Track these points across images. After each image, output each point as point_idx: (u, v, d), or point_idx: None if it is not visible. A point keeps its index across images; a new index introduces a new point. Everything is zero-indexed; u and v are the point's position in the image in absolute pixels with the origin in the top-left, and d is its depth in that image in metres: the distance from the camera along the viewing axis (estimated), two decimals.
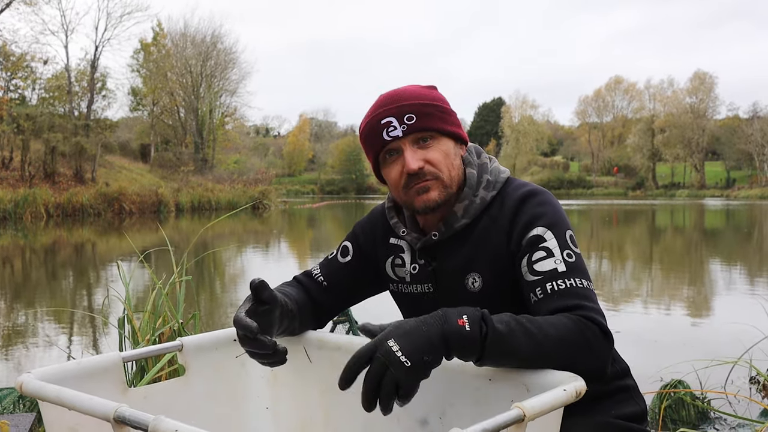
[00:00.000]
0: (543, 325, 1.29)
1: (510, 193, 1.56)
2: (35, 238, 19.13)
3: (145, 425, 1.05)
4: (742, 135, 73.59)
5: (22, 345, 6.19)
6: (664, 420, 3.72)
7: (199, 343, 1.68)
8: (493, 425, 1.02)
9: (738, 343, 4.56)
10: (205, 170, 44.51)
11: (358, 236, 1.76)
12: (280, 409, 1.78)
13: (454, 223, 1.56)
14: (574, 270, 1.42)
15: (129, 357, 1.55)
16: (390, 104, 1.51)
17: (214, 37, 50.98)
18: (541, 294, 1.41)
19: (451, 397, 1.45)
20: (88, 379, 1.42)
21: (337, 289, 1.74)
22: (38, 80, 36.44)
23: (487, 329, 1.24)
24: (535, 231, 1.47)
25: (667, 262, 13.99)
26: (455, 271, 1.57)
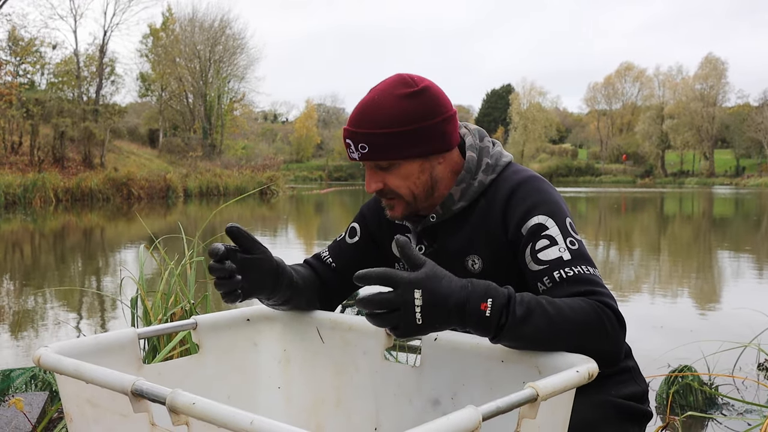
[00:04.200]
0: (563, 309, 1.29)
1: (507, 177, 1.57)
2: (44, 223, 19.22)
3: (163, 398, 1.06)
4: (752, 123, 73.08)
5: (33, 326, 6.24)
6: (672, 405, 3.73)
7: (213, 322, 1.69)
8: (507, 403, 1.03)
9: (746, 329, 4.57)
10: (214, 156, 44.56)
11: (366, 217, 1.78)
12: (292, 389, 1.79)
13: (451, 206, 1.57)
14: (579, 257, 1.42)
15: (144, 333, 1.57)
16: (351, 124, 1.51)
17: (222, 23, 50.95)
18: (549, 283, 1.41)
19: (463, 378, 1.46)
20: (104, 354, 1.44)
21: (346, 269, 1.75)
22: (47, 65, 36.52)
23: (507, 318, 1.25)
24: (536, 219, 1.47)
25: (675, 249, 13.96)
26: (455, 252, 1.58)
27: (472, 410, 0.97)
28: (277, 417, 1.79)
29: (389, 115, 1.46)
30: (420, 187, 1.53)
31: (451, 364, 1.49)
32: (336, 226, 18.58)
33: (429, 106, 1.49)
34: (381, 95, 1.49)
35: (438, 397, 1.52)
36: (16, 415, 2.81)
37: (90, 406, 1.29)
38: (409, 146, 1.48)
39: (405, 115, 1.47)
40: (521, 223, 1.48)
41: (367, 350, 1.65)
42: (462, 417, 0.96)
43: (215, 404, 1.01)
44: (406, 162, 1.50)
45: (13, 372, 3.59)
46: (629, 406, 1.60)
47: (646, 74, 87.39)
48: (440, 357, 1.51)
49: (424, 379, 1.54)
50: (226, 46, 51.15)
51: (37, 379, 3.50)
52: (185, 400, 1.03)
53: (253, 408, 1.75)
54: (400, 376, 1.59)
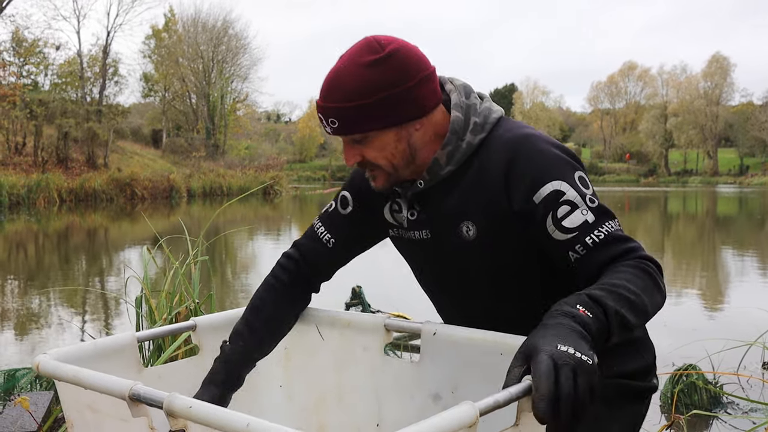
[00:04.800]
0: (628, 286, 1.24)
1: (500, 137, 1.46)
2: (48, 223, 19.25)
3: (160, 402, 1.07)
4: (756, 122, 72.89)
5: (37, 327, 6.25)
6: (677, 404, 3.73)
7: (212, 323, 1.70)
8: (506, 397, 1.02)
9: (751, 328, 4.55)
10: (217, 156, 44.58)
11: (356, 184, 1.68)
12: (293, 387, 1.80)
13: (438, 171, 1.48)
14: (602, 215, 1.37)
15: (144, 337, 1.57)
16: (321, 98, 1.43)
17: (225, 23, 50.96)
18: (582, 250, 1.35)
19: (463, 372, 1.47)
20: (104, 359, 1.44)
21: (343, 243, 1.69)
22: (51, 66, 36.53)
23: (605, 310, 1.18)
24: (549, 186, 1.37)
25: (680, 248, 13.94)
26: (448, 218, 1.50)
27: (469, 406, 0.97)
28: (279, 416, 1.80)
29: (355, 86, 1.38)
30: (398, 156, 1.45)
31: (450, 358, 1.49)
32: None
33: (397, 71, 1.38)
34: (347, 64, 1.40)
35: (438, 391, 1.52)
36: (22, 414, 2.82)
37: (90, 412, 1.29)
38: (380, 117, 1.39)
39: (371, 84, 1.37)
40: (531, 193, 1.38)
41: (367, 346, 1.66)
42: (459, 413, 0.96)
43: (212, 407, 1.01)
44: (380, 133, 1.42)
45: (18, 372, 3.61)
46: (631, 386, 1.54)
47: (649, 73, 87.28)
48: (439, 351, 1.51)
49: (424, 374, 1.55)
50: (228, 47, 51.16)
51: (41, 378, 3.51)
52: (182, 404, 1.04)
53: (254, 407, 1.75)
54: (400, 371, 1.60)
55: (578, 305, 1.17)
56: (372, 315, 1.71)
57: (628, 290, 1.23)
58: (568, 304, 1.18)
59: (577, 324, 1.13)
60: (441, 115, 1.48)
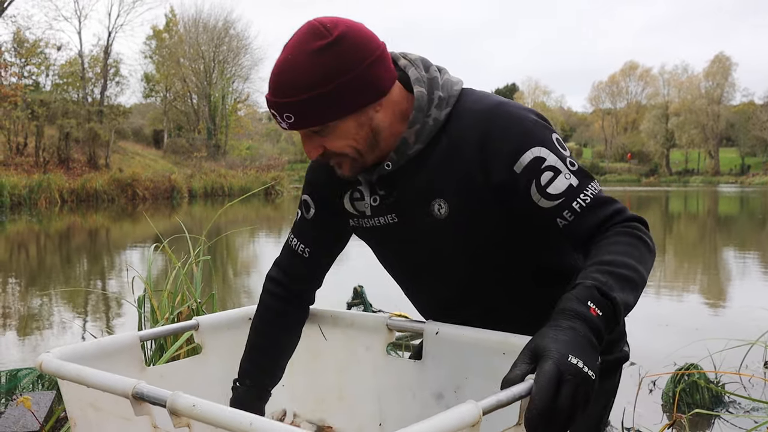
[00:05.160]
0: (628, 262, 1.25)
1: (468, 109, 1.41)
2: (50, 224, 19.25)
3: (163, 401, 1.07)
4: (757, 121, 72.87)
5: (39, 327, 6.25)
6: (679, 404, 3.72)
7: (215, 322, 1.70)
8: (508, 396, 1.03)
9: (753, 328, 4.55)
10: (218, 156, 44.59)
11: (313, 183, 1.63)
12: (296, 386, 1.80)
13: (406, 150, 1.41)
14: (583, 177, 1.36)
15: (146, 336, 1.57)
16: (271, 93, 1.35)
17: (226, 23, 50.94)
18: (570, 216, 1.33)
19: (466, 372, 1.47)
20: (107, 358, 1.44)
21: (318, 249, 1.65)
22: (52, 66, 36.62)
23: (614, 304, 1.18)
24: (530, 154, 1.34)
25: (681, 248, 13.92)
26: (418, 198, 1.44)
27: (472, 405, 0.97)
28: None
29: (307, 76, 1.29)
30: (362, 142, 1.38)
31: (452, 357, 1.49)
32: None
33: (349, 55, 1.30)
34: (294, 54, 1.31)
35: (441, 390, 1.52)
36: (24, 414, 2.82)
37: (93, 410, 1.30)
38: (337, 106, 1.32)
39: (324, 72, 1.29)
40: (512, 163, 1.34)
41: (370, 346, 1.66)
42: (462, 412, 0.96)
43: (216, 406, 1.01)
44: (339, 121, 1.34)
45: (20, 372, 3.60)
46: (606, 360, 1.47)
47: (650, 73, 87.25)
48: (442, 351, 1.52)
49: (427, 373, 1.55)
50: (230, 47, 51.17)
51: (44, 378, 3.51)
52: (186, 403, 1.04)
53: None
54: (403, 370, 1.60)
55: (589, 302, 1.16)
56: (374, 315, 1.71)
57: (629, 267, 1.24)
58: (579, 300, 1.16)
59: (590, 330, 1.13)
60: (399, 92, 1.41)
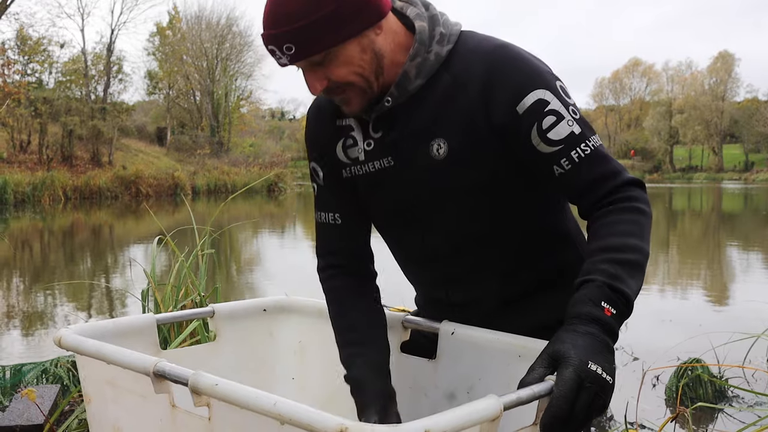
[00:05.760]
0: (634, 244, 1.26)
1: (471, 48, 1.37)
2: (53, 221, 19.29)
3: (185, 379, 1.07)
4: (761, 117, 72.72)
5: (43, 322, 6.27)
6: (682, 398, 3.72)
7: (230, 311, 1.70)
8: (528, 395, 1.04)
9: (757, 323, 4.54)
10: (221, 153, 44.58)
11: (315, 145, 1.57)
12: (306, 380, 1.79)
13: (407, 86, 1.37)
14: (586, 127, 1.33)
15: (162, 320, 1.57)
16: (267, 27, 1.29)
17: (228, 20, 50.94)
18: (568, 164, 1.31)
19: (479, 373, 1.46)
20: (122, 338, 1.44)
21: (346, 213, 1.56)
22: (55, 64, 36.55)
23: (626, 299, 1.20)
24: (533, 95, 1.30)
25: (685, 244, 13.91)
26: (417, 138, 1.39)
27: (494, 399, 0.98)
28: None
29: (302, 3, 1.25)
30: (367, 67, 1.33)
31: (467, 358, 1.48)
32: None
33: None
34: None
35: (454, 390, 1.51)
36: (28, 408, 2.83)
37: (110, 388, 1.30)
38: (338, 29, 1.27)
39: (314, 5, 1.25)
40: (514, 103, 1.31)
41: None
42: (484, 405, 0.96)
43: (238, 386, 1.01)
44: (341, 47, 1.29)
45: (25, 366, 3.62)
46: None
47: (654, 69, 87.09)
48: (457, 351, 1.50)
49: (441, 373, 1.54)
50: (232, 44, 51.15)
51: (48, 373, 3.52)
52: (208, 381, 1.04)
53: None
54: (417, 369, 1.59)
55: (603, 302, 1.17)
56: (390, 313, 1.67)
57: (634, 250, 1.25)
58: (593, 302, 1.18)
59: (606, 333, 1.16)
60: (397, 25, 1.38)
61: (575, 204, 1.39)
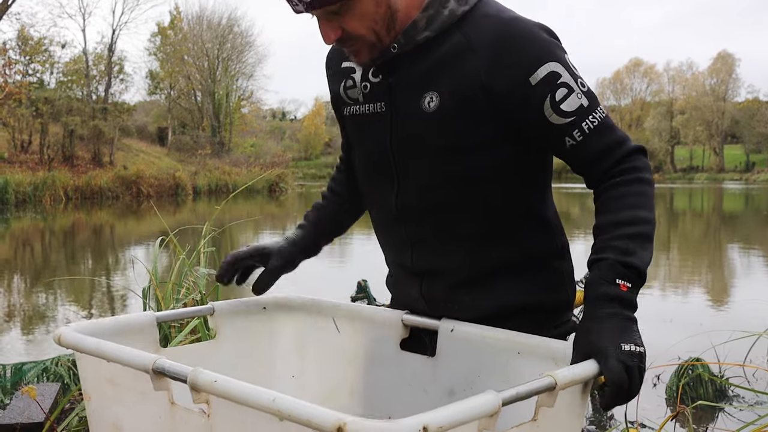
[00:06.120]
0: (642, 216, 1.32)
1: (487, 14, 1.38)
2: (55, 221, 19.31)
3: (184, 376, 1.07)
4: (762, 118, 72.69)
5: (44, 321, 6.27)
6: (682, 397, 3.72)
7: (230, 309, 1.69)
8: (527, 390, 1.05)
9: (757, 323, 4.54)
10: (222, 154, 44.60)
11: (329, 86, 1.62)
12: (306, 378, 1.79)
13: (415, 36, 1.38)
14: (592, 99, 1.36)
15: (162, 317, 1.57)
16: None
17: (230, 20, 50.98)
18: (579, 136, 1.34)
19: (479, 370, 1.46)
20: (123, 336, 1.43)
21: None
22: (56, 64, 36.57)
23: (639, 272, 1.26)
24: (547, 67, 1.33)
25: (686, 244, 13.90)
26: (413, 86, 1.41)
27: (492, 394, 0.98)
28: None
29: None
30: (380, 21, 1.35)
31: (467, 355, 1.48)
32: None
33: None
34: None
35: (453, 387, 1.51)
36: (29, 405, 2.84)
37: (110, 385, 1.30)
38: None
39: None
40: (528, 73, 1.33)
41: (383, 340, 1.64)
42: (483, 400, 0.97)
43: (237, 382, 1.01)
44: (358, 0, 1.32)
45: (25, 365, 3.63)
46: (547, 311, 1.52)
47: (655, 70, 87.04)
48: (457, 348, 1.50)
49: (440, 370, 1.54)
50: (234, 44, 51.17)
51: (48, 372, 3.53)
52: (207, 378, 1.04)
53: None
54: (416, 366, 1.59)
55: (617, 279, 1.24)
56: (390, 310, 1.68)
57: (642, 222, 1.31)
58: (608, 281, 1.24)
59: (626, 309, 1.23)
60: None
61: (582, 174, 1.42)
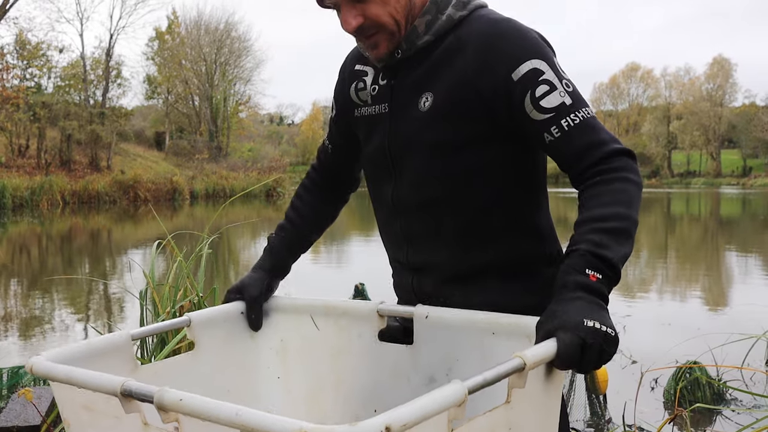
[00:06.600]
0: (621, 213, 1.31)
1: (479, 17, 1.46)
2: (52, 225, 19.29)
3: (150, 396, 1.07)
4: (759, 123, 72.80)
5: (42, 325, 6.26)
6: (680, 401, 3.72)
7: (207, 317, 1.69)
8: (495, 375, 1.04)
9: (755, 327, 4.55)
10: (220, 158, 44.61)
11: (337, 83, 1.71)
12: (291, 378, 1.79)
13: (415, 40, 1.47)
14: (578, 100, 1.38)
15: (138, 335, 1.54)
16: None
17: (227, 25, 51.01)
18: (557, 132, 1.37)
19: (456, 354, 1.49)
20: (99, 358, 1.42)
21: (339, 147, 1.75)
22: (54, 68, 36.65)
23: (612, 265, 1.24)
24: (529, 64, 1.37)
25: (683, 249, 13.92)
26: (411, 88, 1.49)
27: (458, 385, 0.98)
28: (278, 407, 1.80)
29: None
30: (400, 11, 1.43)
31: (444, 341, 1.51)
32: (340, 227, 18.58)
33: None
34: None
35: (433, 374, 1.54)
36: (26, 408, 2.83)
37: (85, 411, 1.29)
38: None
39: None
40: (510, 70, 1.38)
41: (362, 333, 1.67)
42: (448, 392, 0.97)
43: (202, 399, 1.01)
44: None
45: (22, 369, 3.62)
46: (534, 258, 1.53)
47: (652, 74, 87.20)
48: (432, 334, 1.53)
49: (419, 358, 1.56)
50: (231, 49, 51.21)
51: None
52: (172, 397, 1.04)
53: (253, 400, 1.74)
54: (396, 356, 1.61)
55: (587, 269, 1.22)
56: (365, 302, 1.70)
57: (620, 218, 1.30)
58: (576, 270, 1.22)
59: (594, 295, 1.20)
60: None
61: (566, 172, 1.43)
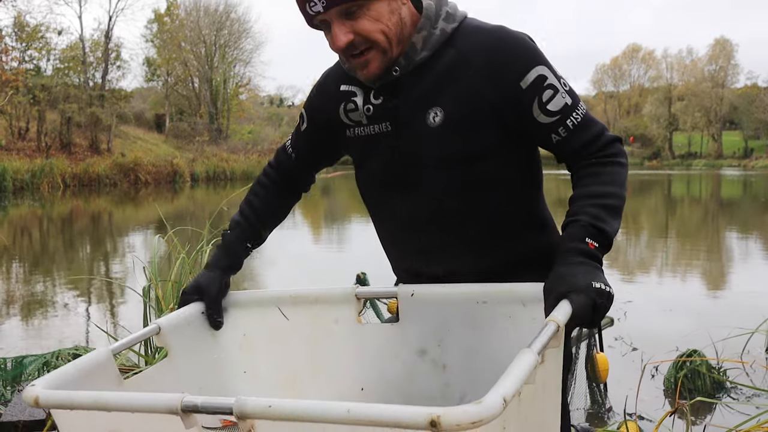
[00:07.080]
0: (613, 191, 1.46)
1: (476, 28, 1.51)
2: (52, 208, 19.29)
3: (229, 408, 0.99)
4: (761, 104, 72.53)
5: (44, 313, 6.27)
6: (681, 390, 3.74)
7: (174, 322, 1.68)
8: (546, 339, 1.11)
9: (755, 312, 4.55)
10: (220, 140, 44.52)
11: (312, 98, 1.73)
12: (259, 370, 1.79)
13: (414, 56, 1.49)
14: (574, 97, 1.50)
15: (118, 348, 1.51)
16: None
17: (227, 7, 50.73)
18: (564, 132, 1.48)
19: (447, 324, 1.53)
20: (86, 378, 1.38)
21: (303, 157, 1.80)
22: (53, 51, 36.44)
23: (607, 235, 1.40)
24: (535, 72, 1.46)
25: (683, 232, 13.92)
26: (416, 105, 1.51)
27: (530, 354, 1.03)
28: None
29: None
30: (392, 28, 1.44)
31: (431, 315, 1.55)
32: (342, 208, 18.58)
33: None
34: None
35: (423, 346, 1.58)
36: None
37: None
38: None
39: None
40: (519, 78, 1.45)
41: (339, 318, 1.69)
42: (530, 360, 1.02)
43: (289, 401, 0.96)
44: (375, 2, 1.41)
45: (26, 359, 3.62)
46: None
47: (653, 56, 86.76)
48: (421, 310, 1.57)
49: (407, 333, 1.60)
50: (231, 31, 50.96)
51: (49, 365, 3.53)
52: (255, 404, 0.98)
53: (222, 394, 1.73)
54: (382, 335, 1.64)
55: (587, 238, 1.38)
56: (341, 287, 1.73)
57: (613, 196, 1.45)
58: (578, 238, 1.38)
59: (593, 260, 1.36)
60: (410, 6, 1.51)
61: (566, 161, 1.55)
